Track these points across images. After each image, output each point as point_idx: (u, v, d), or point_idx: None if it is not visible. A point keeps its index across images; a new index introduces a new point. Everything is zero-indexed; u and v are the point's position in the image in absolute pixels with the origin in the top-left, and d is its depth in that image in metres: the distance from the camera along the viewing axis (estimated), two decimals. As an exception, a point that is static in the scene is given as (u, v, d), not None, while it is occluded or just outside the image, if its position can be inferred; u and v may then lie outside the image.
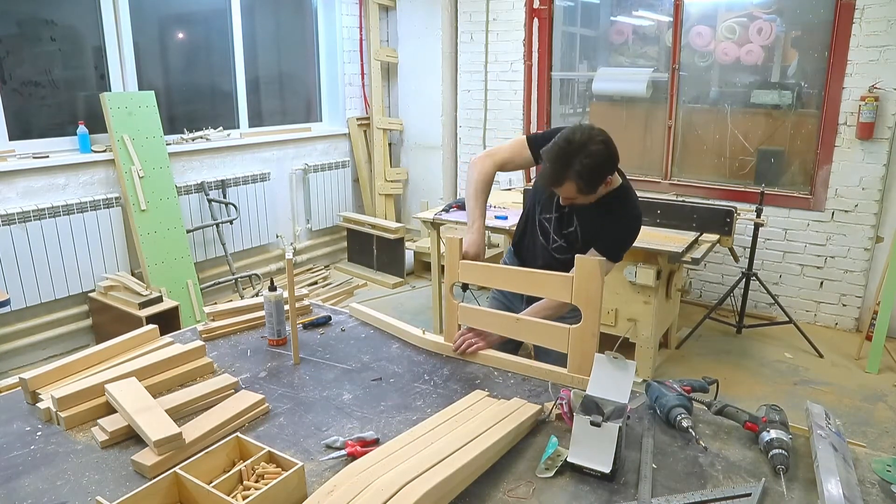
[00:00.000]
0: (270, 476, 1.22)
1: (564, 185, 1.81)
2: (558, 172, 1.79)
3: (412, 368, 1.79)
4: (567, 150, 1.77)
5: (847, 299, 4.26)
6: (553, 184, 1.82)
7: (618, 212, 1.95)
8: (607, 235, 1.94)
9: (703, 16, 4.49)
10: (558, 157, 1.78)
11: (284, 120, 5.41)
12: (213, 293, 4.66)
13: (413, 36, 5.69)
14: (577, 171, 1.76)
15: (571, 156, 1.76)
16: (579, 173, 1.76)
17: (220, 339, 1.98)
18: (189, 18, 4.72)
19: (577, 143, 1.77)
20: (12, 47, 3.73)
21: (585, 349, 1.63)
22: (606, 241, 1.94)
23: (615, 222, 1.95)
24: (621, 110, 5.03)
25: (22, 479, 1.29)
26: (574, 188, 1.80)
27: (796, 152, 4.35)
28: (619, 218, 1.95)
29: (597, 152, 1.76)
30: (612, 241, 1.95)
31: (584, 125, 1.84)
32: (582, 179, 1.78)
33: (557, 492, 1.26)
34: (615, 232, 1.96)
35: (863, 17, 3.85)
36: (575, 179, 1.78)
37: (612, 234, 1.95)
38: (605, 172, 1.81)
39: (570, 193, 1.84)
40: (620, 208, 1.96)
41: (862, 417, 3.26)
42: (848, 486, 1.18)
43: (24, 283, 3.61)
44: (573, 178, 1.78)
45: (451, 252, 1.81)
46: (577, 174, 1.76)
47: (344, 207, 5.70)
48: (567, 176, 1.78)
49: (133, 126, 4.00)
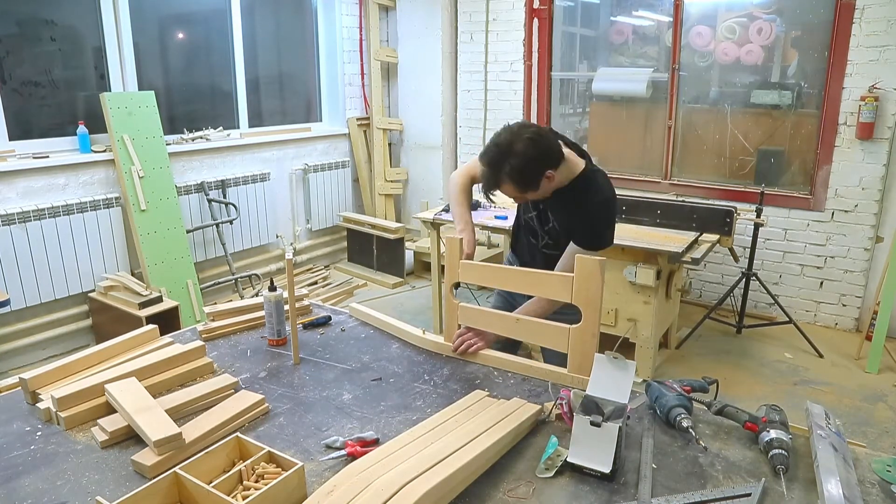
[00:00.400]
0: (270, 476, 1.22)
1: (503, 188, 1.83)
2: (492, 176, 1.81)
3: (412, 368, 1.79)
4: (495, 154, 1.78)
5: (847, 299, 4.26)
6: (490, 188, 1.84)
7: (583, 199, 1.94)
8: (579, 225, 1.95)
9: (703, 16, 4.49)
10: (489, 161, 1.80)
11: (284, 120, 5.41)
12: (213, 293, 4.66)
13: (413, 36, 5.69)
14: (507, 174, 1.77)
15: (500, 159, 1.77)
16: (510, 175, 1.77)
17: (220, 339, 1.98)
18: (189, 18, 4.72)
19: (503, 144, 1.78)
20: (12, 47, 3.73)
21: (585, 349, 1.63)
22: (580, 231, 1.95)
23: (583, 210, 1.94)
24: (621, 110, 5.03)
25: (22, 479, 1.29)
26: (513, 189, 1.82)
27: (796, 152, 4.35)
28: (586, 205, 1.94)
29: (523, 151, 1.76)
30: (585, 230, 1.95)
31: (514, 123, 1.84)
32: (514, 181, 1.79)
33: (557, 492, 1.26)
34: (586, 220, 1.95)
35: (863, 17, 3.85)
36: (509, 181, 1.79)
37: (583, 223, 1.95)
38: (538, 169, 1.80)
39: (513, 194, 1.86)
40: (584, 195, 1.95)
41: (862, 417, 3.26)
42: (848, 486, 1.18)
43: (24, 283, 3.61)
44: (507, 181, 1.79)
45: (451, 252, 1.81)
46: (509, 176, 1.78)
47: (344, 207, 5.70)
48: (500, 179, 1.79)
49: (133, 126, 4.00)
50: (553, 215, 2.03)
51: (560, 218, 2.01)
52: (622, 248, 3.35)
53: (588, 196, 1.94)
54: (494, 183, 1.82)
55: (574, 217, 1.95)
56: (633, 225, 3.71)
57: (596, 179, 1.97)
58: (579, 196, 1.94)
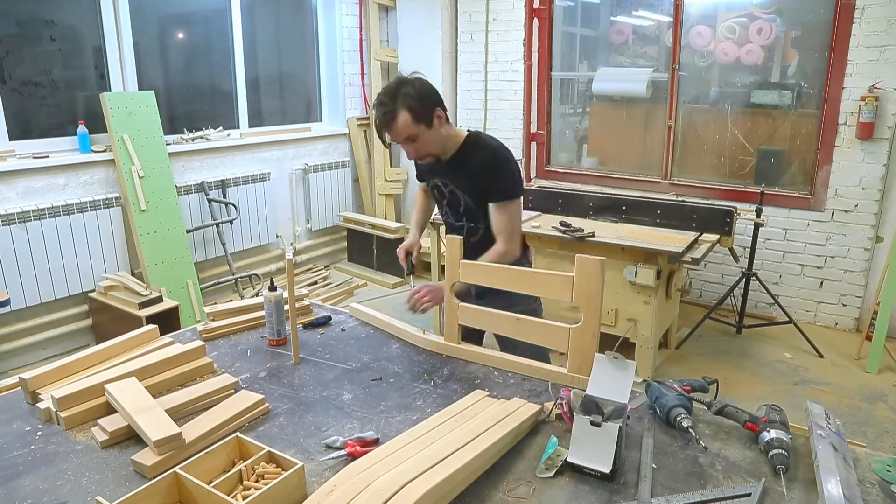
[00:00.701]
0: (270, 476, 1.22)
1: (398, 121, 1.89)
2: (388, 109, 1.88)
3: (412, 368, 1.79)
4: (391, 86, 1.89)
5: (847, 299, 4.26)
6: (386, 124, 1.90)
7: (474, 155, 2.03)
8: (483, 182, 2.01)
9: (703, 16, 4.49)
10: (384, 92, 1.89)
11: (284, 120, 5.41)
12: (213, 293, 4.66)
13: (413, 36, 5.69)
14: (402, 100, 1.87)
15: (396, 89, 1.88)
16: (405, 101, 1.87)
17: (220, 339, 1.98)
18: (189, 18, 4.72)
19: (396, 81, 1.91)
20: (12, 47, 3.73)
21: (585, 349, 1.63)
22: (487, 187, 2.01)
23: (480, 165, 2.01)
24: (621, 110, 5.03)
25: (22, 479, 1.29)
26: (408, 118, 1.89)
27: (796, 152, 4.35)
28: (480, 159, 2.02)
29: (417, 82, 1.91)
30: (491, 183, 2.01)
31: None
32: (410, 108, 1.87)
33: (557, 492, 1.26)
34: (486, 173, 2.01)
35: (863, 17, 3.85)
36: (405, 108, 1.87)
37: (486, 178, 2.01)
38: (431, 101, 1.92)
39: (408, 128, 1.91)
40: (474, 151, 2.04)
41: (862, 417, 3.26)
42: (848, 486, 1.18)
43: (24, 283, 3.61)
44: (403, 108, 1.87)
45: (451, 252, 1.80)
46: (403, 103, 1.87)
47: (344, 207, 5.70)
48: (396, 108, 1.88)
49: (133, 126, 4.00)
50: (459, 190, 2.10)
51: (465, 186, 2.08)
52: (622, 248, 3.35)
53: (478, 151, 2.04)
54: (392, 113, 1.88)
55: (476, 179, 2.03)
56: (633, 225, 3.71)
57: (480, 136, 2.09)
58: (470, 154, 2.04)
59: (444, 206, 2.22)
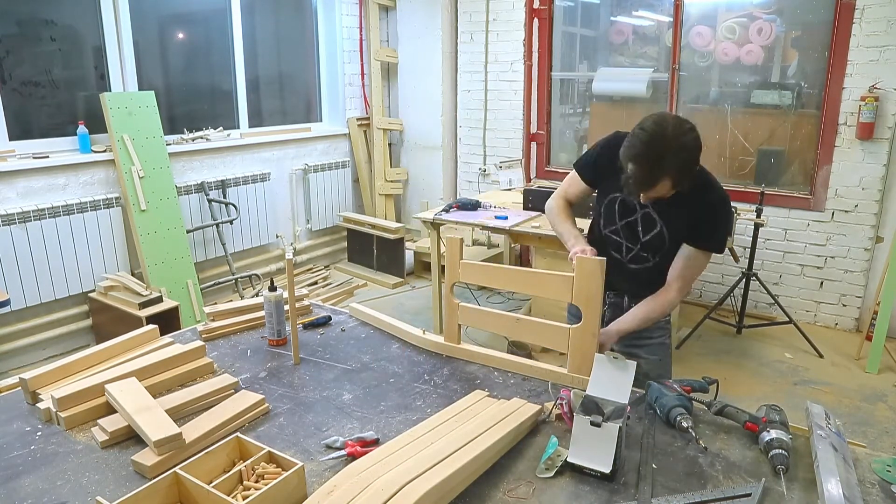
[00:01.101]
0: (270, 476, 1.22)
1: (658, 187, 1.67)
2: (651, 173, 1.63)
3: (412, 368, 1.79)
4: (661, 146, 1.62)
5: (847, 299, 4.26)
6: (644, 187, 1.68)
7: (701, 196, 1.78)
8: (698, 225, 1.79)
9: (703, 16, 4.49)
10: (649, 157, 1.62)
11: (284, 120, 5.41)
12: (213, 293, 4.66)
13: (413, 36, 5.69)
14: (675, 167, 1.62)
15: (665, 152, 1.61)
16: (678, 169, 1.63)
17: (220, 339, 1.98)
18: (189, 18, 4.72)
19: (670, 137, 1.62)
20: (12, 47, 3.73)
21: (585, 349, 1.63)
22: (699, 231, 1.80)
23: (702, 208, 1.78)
24: (621, 110, 5.03)
25: (22, 479, 1.29)
26: (668, 186, 1.67)
27: (796, 152, 4.35)
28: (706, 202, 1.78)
29: (691, 144, 1.64)
30: (706, 229, 1.80)
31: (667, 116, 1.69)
32: (678, 175, 1.65)
33: (557, 492, 1.25)
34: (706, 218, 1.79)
35: (863, 17, 3.85)
36: (671, 177, 1.64)
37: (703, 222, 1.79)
38: (695, 162, 1.69)
39: (663, 192, 1.70)
40: (702, 192, 1.78)
41: (862, 417, 3.25)
42: (848, 486, 1.18)
43: (24, 283, 3.61)
44: (669, 177, 1.64)
45: (451, 252, 1.81)
46: (676, 169, 1.63)
47: (344, 207, 5.70)
48: (660, 176, 1.64)
49: (133, 126, 4.00)
50: (663, 219, 1.85)
51: (673, 221, 1.83)
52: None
53: (707, 193, 1.79)
54: (650, 181, 1.65)
55: (693, 218, 1.79)
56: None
57: (711, 177, 1.83)
58: (697, 195, 1.77)
59: (620, 223, 1.93)
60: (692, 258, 1.83)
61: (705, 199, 1.79)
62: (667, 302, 1.85)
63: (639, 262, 1.95)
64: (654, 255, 1.91)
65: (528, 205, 3.98)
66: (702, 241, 1.81)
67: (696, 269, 1.86)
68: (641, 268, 1.94)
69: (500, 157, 5.39)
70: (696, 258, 1.83)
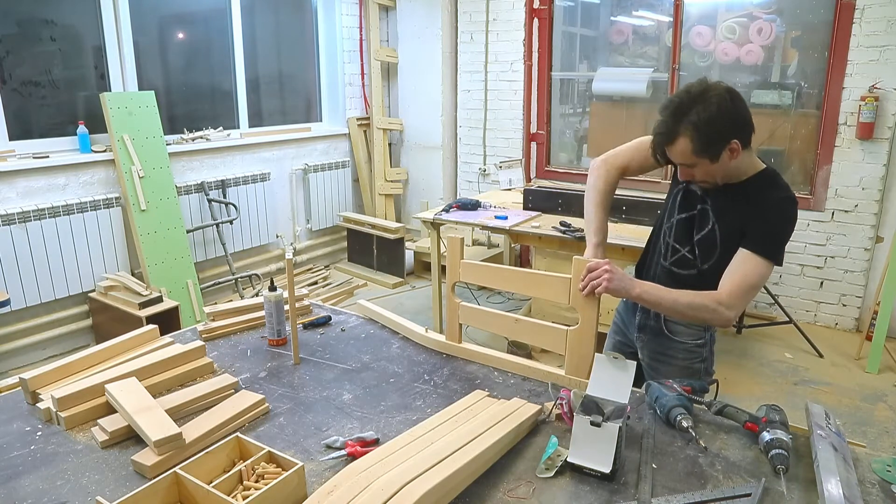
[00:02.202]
0: (270, 476, 1.22)
1: (677, 143, 1.54)
2: (670, 125, 1.53)
3: (412, 368, 1.79)
4: (683, 99, 1.52)
5: (847, 299, 4.26)
6: (664, 140, 1.56)
7: (764, 195, 1.61)
8: (756, 225, 1.60)
9: (703, 16, 4.49)
10: (671, 106, 1.54)
11: (284, 120, 5.41)
12: (213, 293, 4.66)
13: (413, 36, 5.69)
14: (692, 122, 1.50)
15: (688, 104, 1.51)
16: (695, 125, 1.50)
17: (220, 339, 1.98)
18: (189, 18, 4.72)
19: (694, 92, 1.52)
20: (12, 47, 3.73)
21: (583, 351, 1.63)
22: (756, 232, 1.60)
23: (763, 207, 1.59)
24: (621, 110, 5.03)
25: (22, 479, 1.29)
26: (689, 146, 1.53)
27: (796, 152, 4.35)
28: (768, 201, 1.60)
29: (717, 102, 1.49)
30: (765, 231, 1.59)
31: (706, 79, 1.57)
32: (696, 135, 1.51)
33: (557, 492, 1.25)
34: (766, 218, 1.59)
35: (863, 17, 3.85)
36: (690, 134, 1.51)
37: (763, 222, 1.59)
38: (726, 129, 1.52)
39: (685, 156, 1.56)
40: (766, 191, 1.61)
41: (862, 417, 3.25)
42: (848, 486, 1.18)
43: (24, 283, 3.61)
44: (687, 133, 1.51)
45: (451, 251, 1.81)
46: (693, 126, 1.50)
47: (344, 207, 5.70)
48: (679, 129, 1.52)
49: (133, 126, 4.00)
50: (716, 216, 1.68)
51: (727, 219, 1.66)
52: (622, 248, 3.35)
53: (771, 192, 1.62)
54: (670, 134, 1.54)
55: (749, 216, 1.61)
56: (633, 225, 3.70)
57: (781, 180, 1.65)
58: (758, 192, 1.62)
59: (675, 219, 1.77)
60: (743, 261, 1.60)
61: (765, 196, 1.61)
62: (711, 297, 1.59)
63: (683, 267, 1.76)
64: (703, 262, 1.72)
65: (528, 205, 3.98)
66: (753, 240, 1.60)
67: (748, 276, 1.59)
68: (683, 274, 1.76)
69: (500, 157, 5.39)
70: (747, 262, 1.60)
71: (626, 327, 1.99)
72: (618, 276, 1.58)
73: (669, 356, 1.84)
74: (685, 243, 1.75)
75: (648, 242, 1.93)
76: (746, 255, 1.60)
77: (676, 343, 1.83)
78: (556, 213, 3.85)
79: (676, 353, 1.83)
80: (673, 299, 1.62)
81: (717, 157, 1.54)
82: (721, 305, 1.58)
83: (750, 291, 1.60)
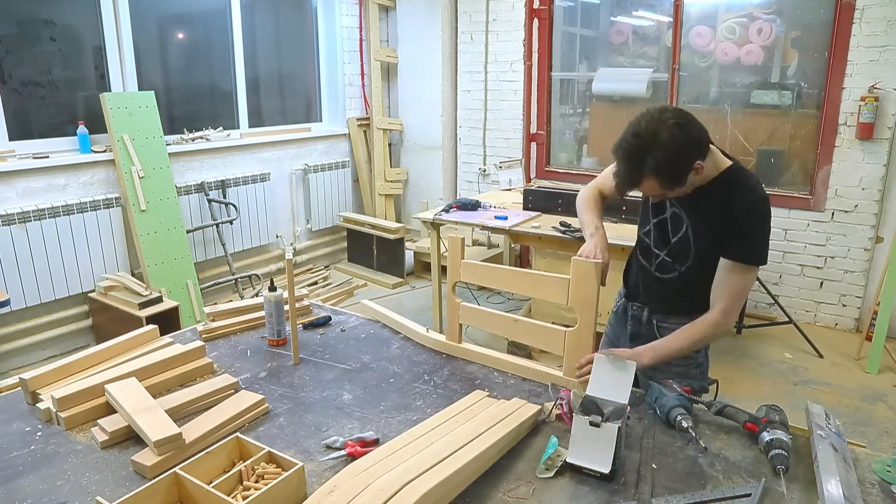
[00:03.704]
0: (270, 476, 1.22)
1: (644, 185, 1.57)
2: (632, 173, 1.55)
3: (412, 368, 1.79)
4: (635, 146, 1.52)
5: (847, 299, 4.26)
6: (628, 186, 1.60)
7: (730, 198, 1.59)
8: (727, 231, 1.60)
9: (703, 16, 4.49)
10: (628, 155, 1.54)
11: (284, 120, 5.41)
12: (213, 293, 4.66)
13: (413, 36, 5.69)
14: (652, 169, 1.50)
15: (642, 151, 1.51)
16: (655, 170, 1.50)
17: (220, 339, 1.98)
18: (189, 18, 4.72)
19: (644, 134, 1.51)
20: (12, 47, 3.73)
21: (581, 352, 1.63)
22: (728, 239, 1.60)
23: (731, 211, 1.59)
24: (621, 110, 5.03)
25: (22, 479, 1.29)
26: (656, 184, 1.55)
27: (796, 152, 4.35)
28: (735, 204, 1.59)
29: (670, 141, 1.48)
30: (736, 237, 1.59)
31: (653, 108, 1.56)
32: (660, 176, 1.52)
33: (557, 492, 1.26)
34: (736, 224, 1.59)
35: (863, 17, 3.85)
36: (653, 177, 1.52)
37: (733, 227, 1.59)
38: (686, 160, 1.52)
39: (654, 190, 1.59)
40: (732, 192, 1.60)
41: (862, 417, 3.25)
42: (848, 486, 1.18)
43: (24, 283, 3.60)
44: (650, 176, 1.52)
45: (452, 251, 1.81)
46: (654, 171, 1.51)
47: (344, 207, 5.70)
48: (642, 174, 1.53)
49: (133, 126, 4.00)
50: (689, 218, 1.69)
51: (697, 220, 1.68)
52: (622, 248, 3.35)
53: (738, 193, 1.60)
54: (634, 180, 1.56)
55: (718, 221, 1.61)
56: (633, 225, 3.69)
57: (747, 177, 1.64)
58: (725, 193, 1.60)
59: (653, 221, 1.80)
60: (727, 271, 1.62)
61: (733, 199, 1.59)
62: (708, 323, 1.64)
63: (665, 271, 1.79)
64: (680, 264, 1.74)
65: (528, 205, 3.98)
66: (735, 250, 1.60)
67: (736, 286, 1.61)
68: (666, 278, 1.78)
69: (500, 157, 5.39)
70: (732, 274, 1.61)
71: (618, 339, 2.00)
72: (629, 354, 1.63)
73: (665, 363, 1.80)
74: (662, 247, 1.79)
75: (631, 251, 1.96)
76: (730, 267, 1.62)
77: None
78: (556, 214, 3.85)
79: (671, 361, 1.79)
80: (680, 347, 1.69)
81: (684, 182, 1.57)
82: (720, 327, 1.66)
83: (740, 300, 1.66)
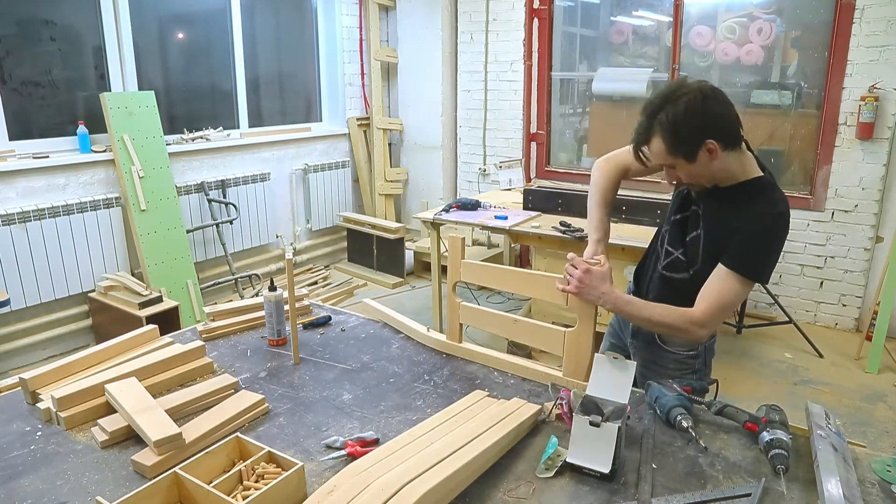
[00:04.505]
0: (270, 476, 1.22)
1: (652, 144, 1.55)
2: (644, 126, 1.54)
3: (412, 368, 1.79)
4: (657, 100, 1.52)
5: (847, 299, 4.26)
6: (641, 141, 1.58)
7: (746, 205, 1.56)
8: (733, 237, 1.55)
9: (703, 16, 4.49)
10: (646, 108, 1.55)
11: (284, 120, 5.41)
12: (213, 293, 4.66)
13: (413, 36, 5.69)
14: (661, 123, 1.50)
15: (659, 105, 1.51)
16: (664, 124, 1.49)
17: (220, 339, 1.98)
18: (189, 18, 4.72)
19: (666, 92, 1.52)
20: (12, 47, 3.73)
21: (580, 353, 1.62)
22: (732, 245, 1.55)
23: (743, 218, 1.54)
24: (621, 110, 5.03)
25: (22, 479, 1.29)
26: (662, 146, 1.52)
27: (796, 152, 4.35)
28: (749, 211, 1.54)
29: (685, 104, 1.47)
30: (739, 244, 1.54)
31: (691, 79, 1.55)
32: (666, 133, 1.50)
33: (557, 492, 1.25)
34: (743, 231, 1.54)
35: (863, 17, 3.85)
36: (661, 133, 1.51)
37: (739, 234, 1.54)
38: (696, 128, 1.48)
39: (662, 156, 1.55)
40: (750, 200, 1.56)
41: (862, 417, 3.26)
42: (848, 486, 1.18)
43: (24, 283, 3.61)
44: (658, 133, 1.52)
45: (453, 251, 1.81)
46: (662, 126, 1.50)
47: (344, 207, 5.70)
48: (652, 130, 1.53)
49: (133, 126, 4.00)
50: (704, 222, 1.65)
51: (713, 224, 1.63)
52: (622, 248, 3.35)
53: (755, 202, 1.56)
54: (644, 136, 1.55)
55: (733, 225, 1.56)
56: (633, 225, 3.70)
57: (771, 191, 1.58)
58: (748, 201, 1.56)
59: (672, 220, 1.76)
60: (720, 278, 1.56)
61: (752, 208, 1.55)
62: (685, 316, 1.57)
63: (673, 270, 1.73)
64: (691, 265, 1.69)
65: (528, 205, 3.98)
66: (732, 257, 1.55)
67: (724, 294, 1.55)
68: (677, 278, 1.72)
69: (500, 157, 5.39)
70: (725, 280, 1.55)
71: (622, 330, 1.97)
72: (590, 284, 1.57)
73: (660, 366, 1.80)
74: (678, 245, 1.73)
75: (648, 248, 1.91)
76: (724, 273, 1.56)
77: (667, 353, 1.80)
78: (556, 213, 3.85)
79: (667, 364, 1.80)
80: (645, 316, 1.61)
81: (693, 157, 1.52)
82: (694, 325, 1.57)
83: (725, 310, 1.59)
